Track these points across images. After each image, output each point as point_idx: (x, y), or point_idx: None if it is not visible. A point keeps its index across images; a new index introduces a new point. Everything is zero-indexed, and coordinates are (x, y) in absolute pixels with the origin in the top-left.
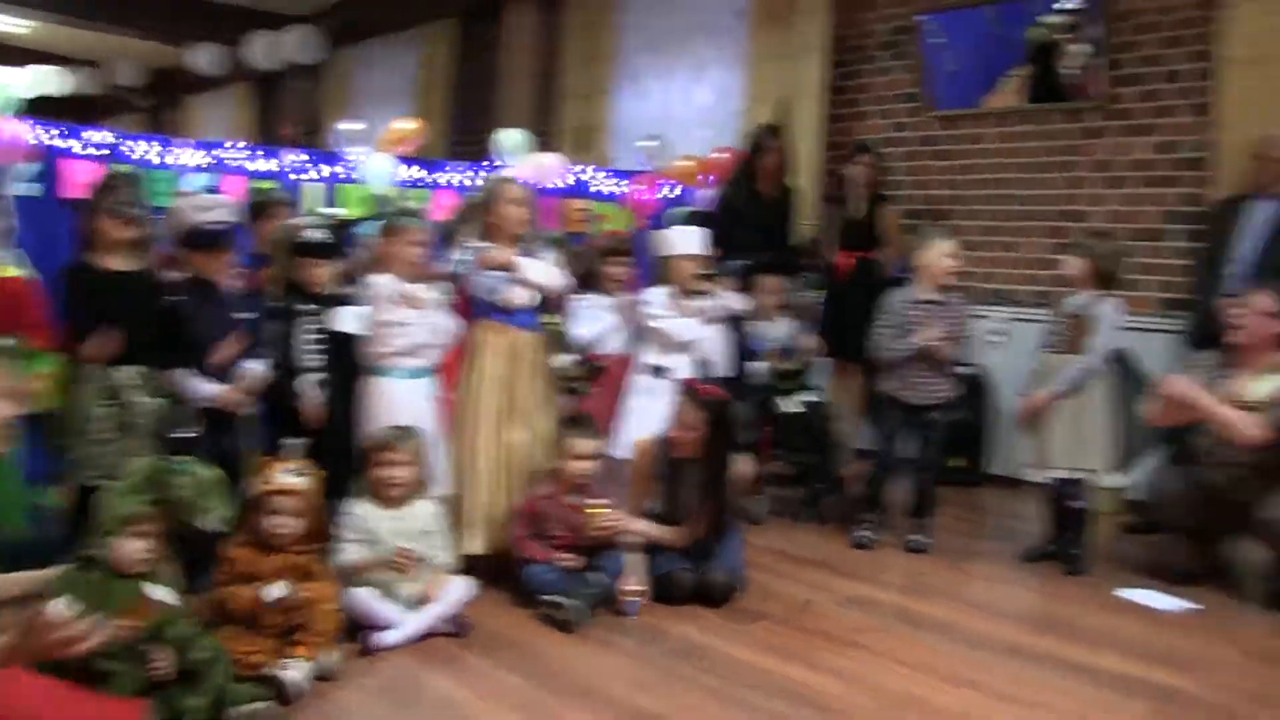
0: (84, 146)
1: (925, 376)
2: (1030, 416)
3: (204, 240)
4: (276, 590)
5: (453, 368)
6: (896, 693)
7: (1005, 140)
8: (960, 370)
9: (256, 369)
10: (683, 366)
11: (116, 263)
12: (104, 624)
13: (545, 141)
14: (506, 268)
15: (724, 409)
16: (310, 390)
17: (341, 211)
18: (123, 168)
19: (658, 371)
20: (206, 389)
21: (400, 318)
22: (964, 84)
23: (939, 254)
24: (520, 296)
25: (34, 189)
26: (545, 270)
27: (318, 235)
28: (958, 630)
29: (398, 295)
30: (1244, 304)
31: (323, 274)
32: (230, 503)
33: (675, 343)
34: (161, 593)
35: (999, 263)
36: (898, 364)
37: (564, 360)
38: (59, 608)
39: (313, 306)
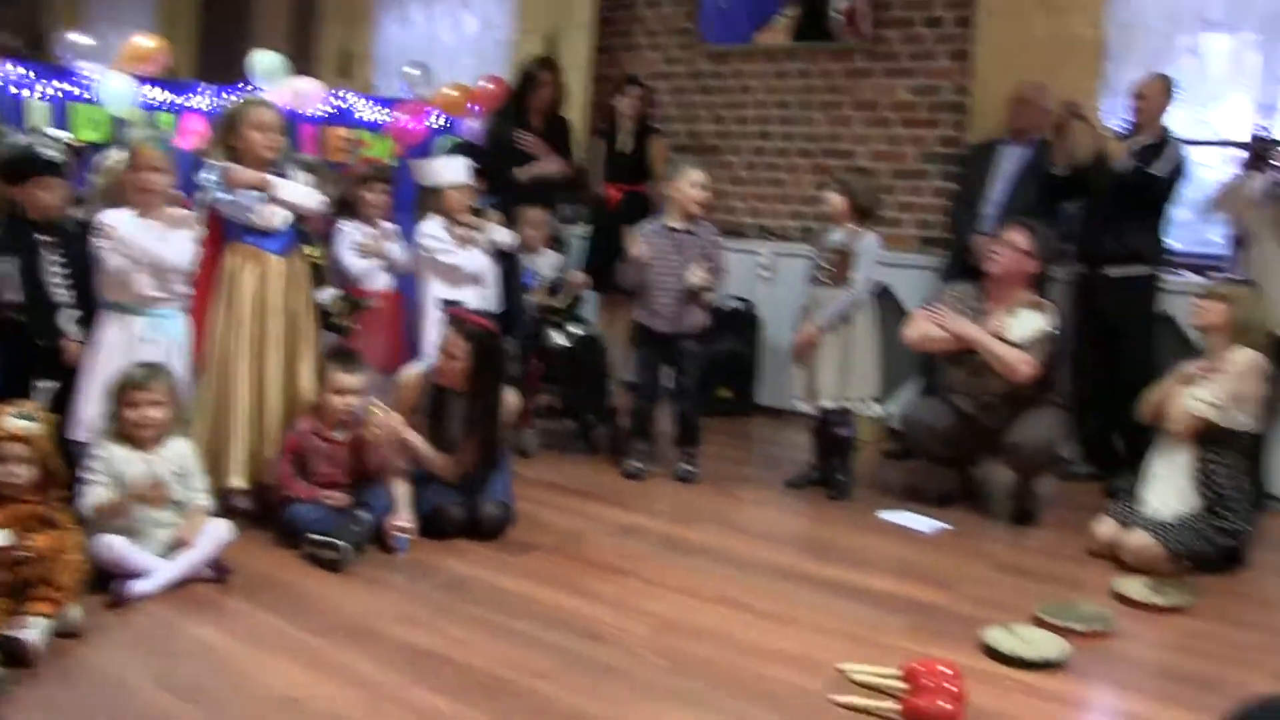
0: None
1: (674, 306)
2: (803, 349)
3: None
4: (2, 536)
5: (203, 297)
6: (666, 616)
7: (773, 78)
8: (713, 300)
9: None
10: (471, 299)
11: None
12: None
13: (305, 66)
14: (258, 187)
15: (490, 339)
16: (70, 328)
17: (70, 135)
18: None
19: (447, 305)
20: None
21: (123, 250)
22: (735, 20)
23: (686, 184)
24: (275, 217)
25: None
26: (300, 190)
27: (47, 153)
28: (725, 555)
29: (122, 227)
30: (1001, 240)
31: (53, 198)
32: None
33: (463, 275)
34: None
35: (765, 199)
36: (645, 292)
37: (327, 294)
38: None
39: (52, 238)
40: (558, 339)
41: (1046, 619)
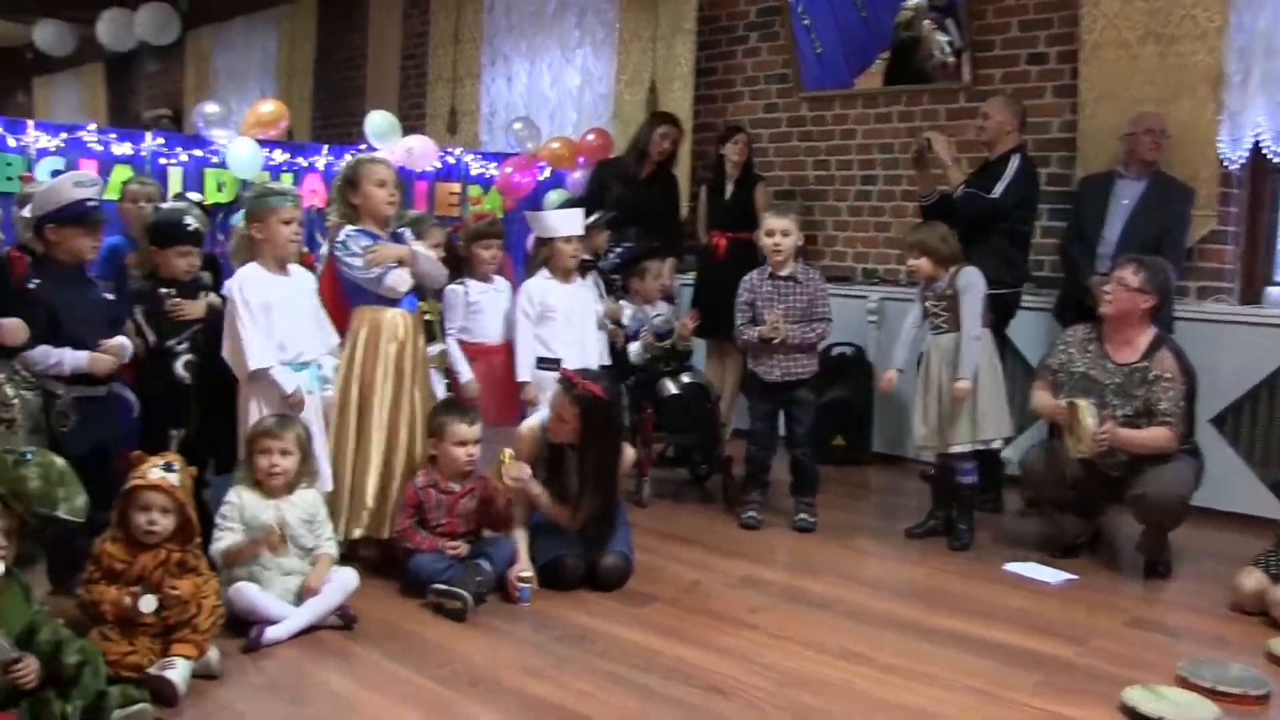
0: None
1: (781, 354)
2: (959, 399)
3: (81, 216)
4: (149, 603)
5: None
6: (789, 670)
7: (873, 121)
8: (822, 346)
9: (120, 339)
10: (577, 353)
11: None
12: None
13: (415, 124)
14: (402, 262)
15: (598, 404)
16: (183, 372)
17: (201, 197)
18: None
19: (546, 363)
20: (72, 356)
21: (268, 307)
22: (833, 65)
23: (762, 233)
24: (403, 285)
25: None
26: (433, 261)
27: (193, 224)
28: (847, 606)
29: (263, 284)
30: (1112, 279)
31: (186, 264)
32: (82, 490)
33: (567, 330)
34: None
35: (870, 243)
36: (752, 344)
37: (436, 348)
38: None
39: (172, 290)
40: (670, 387)
41: (1191, 679)
